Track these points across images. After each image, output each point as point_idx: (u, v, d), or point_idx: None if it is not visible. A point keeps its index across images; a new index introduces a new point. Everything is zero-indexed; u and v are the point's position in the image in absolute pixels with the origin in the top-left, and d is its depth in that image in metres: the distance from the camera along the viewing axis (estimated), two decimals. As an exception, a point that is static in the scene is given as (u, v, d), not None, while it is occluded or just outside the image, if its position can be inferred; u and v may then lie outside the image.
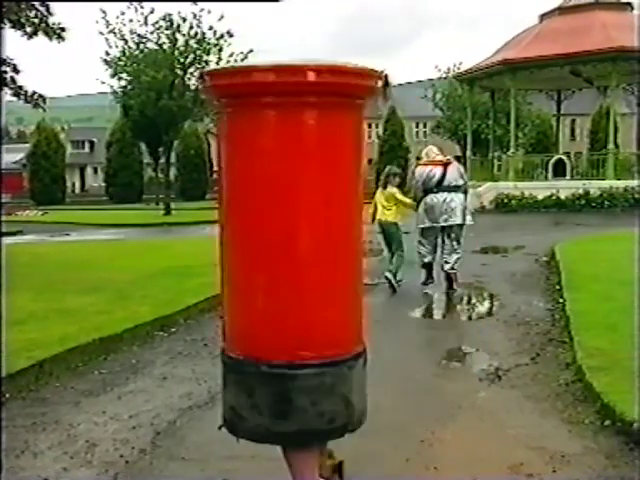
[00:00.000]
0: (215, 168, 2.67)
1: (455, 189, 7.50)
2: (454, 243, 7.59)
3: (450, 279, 7.59)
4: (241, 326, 2.43)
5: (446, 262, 7.61)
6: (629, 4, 22.18)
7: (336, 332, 2.38)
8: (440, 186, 7.46)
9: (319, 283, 2.34)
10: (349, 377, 2.39)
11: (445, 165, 7.56)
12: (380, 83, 2.44)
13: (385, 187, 7.69)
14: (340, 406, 2.37)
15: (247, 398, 2.36)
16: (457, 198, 7.47)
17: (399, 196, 7.64)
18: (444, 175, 7.47)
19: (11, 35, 10.44)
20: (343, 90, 2.29)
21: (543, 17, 23.00)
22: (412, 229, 8.20)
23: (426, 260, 7.79)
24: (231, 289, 2.45)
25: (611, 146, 20.37)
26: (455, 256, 7.58)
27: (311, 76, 2.20)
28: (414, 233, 8.10)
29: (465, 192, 7.67)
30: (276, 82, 2.20)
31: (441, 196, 7.44)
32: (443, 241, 7.69)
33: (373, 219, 7.72)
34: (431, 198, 7.49)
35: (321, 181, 2.32)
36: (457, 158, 11.03)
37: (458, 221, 7.47)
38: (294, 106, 2.26)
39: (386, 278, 7.52)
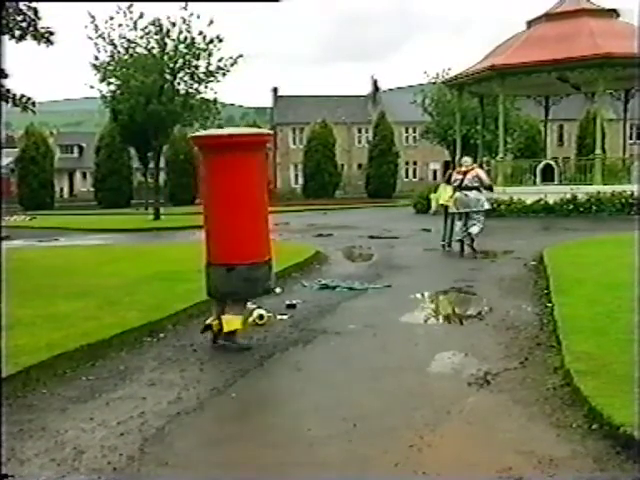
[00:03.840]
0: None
1: (471, 188, 11.43)
2: (474, 220, 11.45)
3: (472, 240, 11.44)
4: (211, 251, 5.71)
5: (469, 232, 11.49)
6: (615, 11, 22.41)
7: (235, 257, 5.53)
8: (461, 186, 11.40)
9: (245, 235, 5.51)
10: (244, 272, 5.49)
11: (465, 173, 11.51)
12: (270, 138, 6.33)
13: (448, 182, 11.93)
14: (241, 283, 5.53)
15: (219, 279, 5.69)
16: (472, 194, 11.41)
17: (449, 190, 11.80)
18: (463, 180, 11.46)
19: (-1, 39, 10.34)
20: (254, 143, 5.72)
21: (530, 23, 23.17)
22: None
23: (459, 237, 11.64)
24: (208, 236, 5.72)
25: (598, 151, 20.55)
26: (475, 227, 11.41)
27: (240, 138, 5.66)
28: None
29: (479, 189, 11.49)
30: (227, 141, 5.52)
31: (463, 193, 11.42)
32: (472, 218, 11.52)
33: (439, 203, 12.16)
34: (457, 194, 11.50)
35: (246, 186, 5.47)
36: (446, 163, 15.74)
37: (474, 208, 11.42)
38: (232, 151, 5.39)
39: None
